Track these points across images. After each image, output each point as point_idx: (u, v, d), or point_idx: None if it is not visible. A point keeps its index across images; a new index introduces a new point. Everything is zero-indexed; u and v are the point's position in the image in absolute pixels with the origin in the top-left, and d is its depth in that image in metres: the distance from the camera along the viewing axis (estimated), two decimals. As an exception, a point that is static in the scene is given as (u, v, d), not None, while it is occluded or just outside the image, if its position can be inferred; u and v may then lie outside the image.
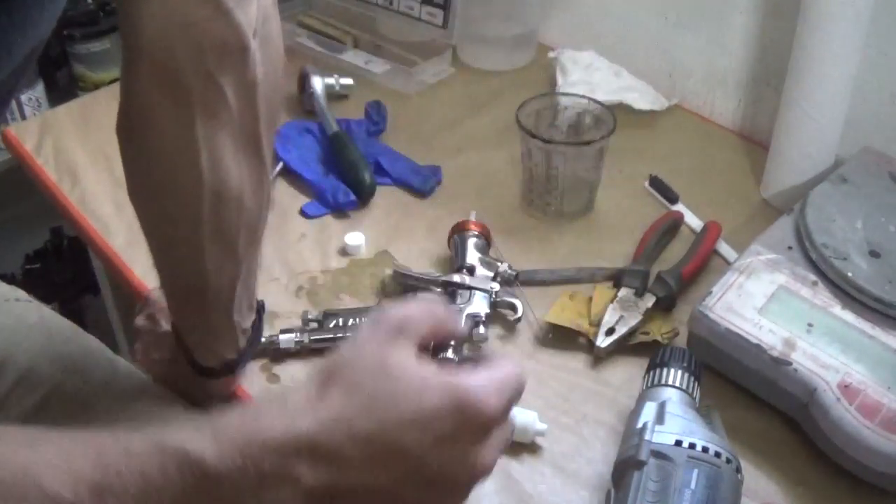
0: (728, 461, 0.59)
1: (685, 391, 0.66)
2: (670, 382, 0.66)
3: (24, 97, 1.49)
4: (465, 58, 1.23)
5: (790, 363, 0.69)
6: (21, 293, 0.76)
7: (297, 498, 0.43)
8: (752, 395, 0.73)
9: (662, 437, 0.60)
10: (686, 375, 0.67)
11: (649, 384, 0.68)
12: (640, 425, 0.62)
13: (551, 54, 1.16)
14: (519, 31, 1.22)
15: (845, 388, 0.66)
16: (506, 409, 0.47)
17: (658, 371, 0.68)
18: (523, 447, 0.71)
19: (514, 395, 0.48)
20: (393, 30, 1.25)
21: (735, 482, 0.59)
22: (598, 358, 0.78)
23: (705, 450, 0.59)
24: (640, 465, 0.59)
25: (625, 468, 0.60)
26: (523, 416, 0.71)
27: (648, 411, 0.63)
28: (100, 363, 0.74)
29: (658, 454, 0.59)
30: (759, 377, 0.71)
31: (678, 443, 0.59)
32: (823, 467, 0.68)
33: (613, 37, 1.17)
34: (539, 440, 0.71)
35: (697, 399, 0.67)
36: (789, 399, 0.70)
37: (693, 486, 0.57)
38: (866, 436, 0.64)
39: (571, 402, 0.75)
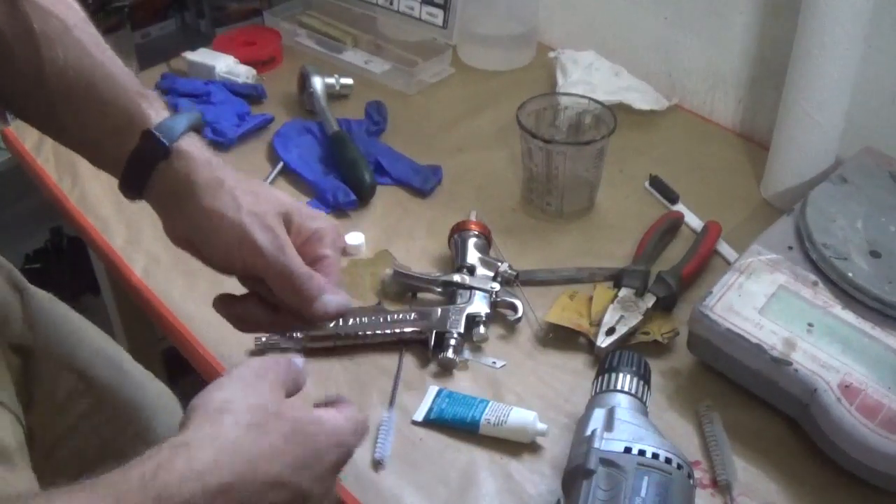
0: (679, 467, 0.57)
1: (635, 396, 0.64)
2: (619, 388, 0.65)
3: (24, 97, 1.49)
4: (465, 58, 1.23)
5: (790, 363, 0.69)
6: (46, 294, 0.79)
7: None
8: (752, 395, 0.73)
9: (611, 444, 0.58)
10: (636, 380, 0.65)
11: (598, 390, 0.66)
12: (588, 433, 0.60)
13: (551, 54, 1.16)
14: (519, 31, 1.22)
15: (845, 388, 0.66)
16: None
17: (607, 376, 0.66)
18: (523, 447, 0.71)
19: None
20: (393, 30, 1.25)
21: (687, 488, 0.57)
22: (599, 358, 0.78)
23: (655, 456, 0.57)
24: (589, 473, 0.56)
25: (574, 477, 0.58)
26: (523, 416, 0.71)
27: (597, 418, 0.61)
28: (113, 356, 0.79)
29: (607, 462, 0.57)
30: (759, 377, 0.71)
31: (627, 450, 0.57)
32: (823, 467, 0.68)
33: (613, 37, 1.17)
34: (539, 440, 0.71)
35: (648, 404, 0.66)
36: (789, 399, 0.70)
37: (643, 493, 0.55)
38: (866, 436, 0.64)
39: (571, 402, 0.75)
